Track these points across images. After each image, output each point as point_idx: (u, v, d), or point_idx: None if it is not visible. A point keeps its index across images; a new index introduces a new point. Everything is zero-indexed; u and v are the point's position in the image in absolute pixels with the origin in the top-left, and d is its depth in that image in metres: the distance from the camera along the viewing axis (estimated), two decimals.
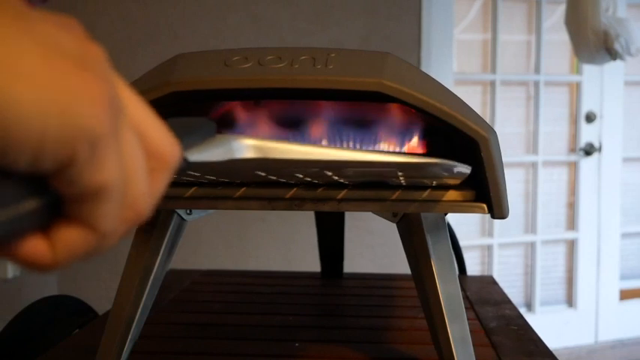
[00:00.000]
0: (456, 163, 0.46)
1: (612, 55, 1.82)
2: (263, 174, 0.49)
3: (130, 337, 0.63)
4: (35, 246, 0.20)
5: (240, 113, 0.68)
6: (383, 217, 0.65)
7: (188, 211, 0.65)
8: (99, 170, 0.19)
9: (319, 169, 0.43)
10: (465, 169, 0.47)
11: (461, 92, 0.62)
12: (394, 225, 0.63)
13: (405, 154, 0.50)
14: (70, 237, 0.20)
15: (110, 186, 0.20)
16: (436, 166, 0.45)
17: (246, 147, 0.30)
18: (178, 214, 0.64)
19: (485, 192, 0.53)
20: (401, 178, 0.51)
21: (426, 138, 0.68)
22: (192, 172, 0.47)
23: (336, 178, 0.51)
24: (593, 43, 1.81)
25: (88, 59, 0.20)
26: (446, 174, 0.49)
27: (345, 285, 1.10)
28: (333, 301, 1.02)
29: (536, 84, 2.62)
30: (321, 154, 0.34)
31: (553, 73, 2.66)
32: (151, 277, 0.64)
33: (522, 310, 1.75)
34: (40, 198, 0.19)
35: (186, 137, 0.27)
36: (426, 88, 0.51)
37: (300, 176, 0.50)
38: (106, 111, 0.19)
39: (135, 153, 0.21)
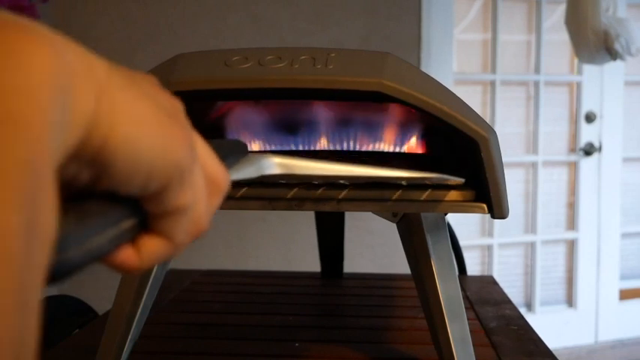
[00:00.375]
0: (449, 177, 0.50)
1: (612, 55, 1.82)
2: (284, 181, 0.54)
3: (130, 337, 0.63)
4: (127, 254, 0.25)
5: (242, 114, 0.68)
6: (383, 217, 0.65)
7: None
8: (181, 194, 0.25)
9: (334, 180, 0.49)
10: (456, 179, 0.51)
11: (461, 92, 0.62)
12: (394, 225, 0.63)
13: (408, 169, 0.51)
14: (153, 246, 0.25)
15: (187, 206, 0.25)
16: (434, 178, 0.50)
17: (274, 164, 0.35)
18: None
19: (485, 192, 0.53)
20: (403, 182, 0.53)
21: (425, 137, 0.68)
22: None
23: (343, 181, 0.55)
24: (593, 43, 1.81)
25: (175, 110, 0.26)
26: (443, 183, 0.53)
27: (345, 285, 1.10)
28: (333, 301, 1.02)
29: (536, 84, 2.62)
30: (337, 170, 0.39)
31: (553, 73, 2.66)
32: (151, 277, 0.64)
33: (522, 310, 1.75)
34: (135, 217, 0.24)
35: (226, 160, 0.32)
36: (426, 88, 0.51)
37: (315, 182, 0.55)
38: (190, 150, 0.25)
39: (201, 181, 0.27)
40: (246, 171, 0.33)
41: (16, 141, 0.16)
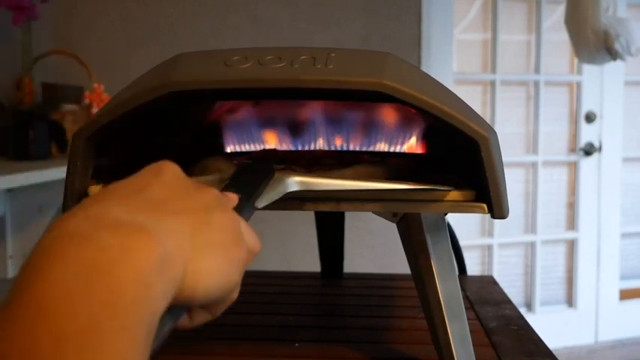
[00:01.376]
0: (446, 188, 0.53)
1: (612, 55, 1.82)
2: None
3: None
4: (182, 322, 0.33)
5: (242, 114, 0.68)
6: (383, 217, 0.65)
7: None
8: (229, 301, 0.34)
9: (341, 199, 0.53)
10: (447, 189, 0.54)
11: (461, 92, 0.62)
12: (394, 225, 0.63)
13: (412, 182, 0.53)
14: (201, 317, 0.34)
15: (230, 300, 0.34)
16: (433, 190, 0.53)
17: (295, 183, 0.40)
18: None
19: (485, 192, 0.53)
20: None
21: (425, 137, 0.68)
22: None
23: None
24: (593, 43, 1.81)
25: (236, 233, 0.33)
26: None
27: (345, 285, 1.10)
28: (333, 301, 1.02)
29: (536, 84, 2.62)
30: (350, 185, 0.43)
31: (553, 73, 2.66)
32: None
33: (522, 310, 1.75)
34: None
35: (255, 191, 0.39)
36: (426, 88, 0.51)
37: None
38: (243, 265, 0.33)
39: (244, 266, 0.34)
40: (273, 194, 0.38)
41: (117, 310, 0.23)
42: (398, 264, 1.90)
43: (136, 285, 0.24)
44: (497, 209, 0.52)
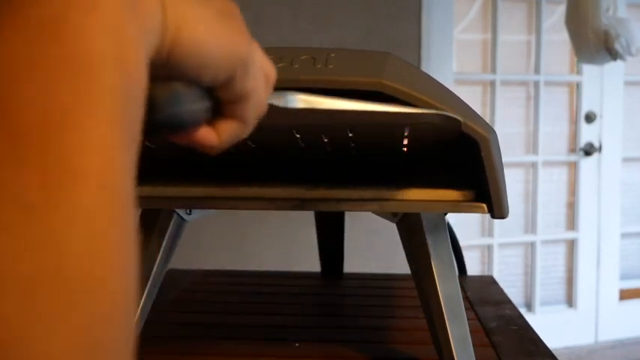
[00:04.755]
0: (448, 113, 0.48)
1: (612, 55, 1.82)
2: (298, 135, 0.54)
3: None
4: (207, 132, 0.30)
5: None
6: (383, 217, 0.65)
7: (188, 211, 0.65)
8: (247, 81, 0.30)
9: (350, 122, 0.50)
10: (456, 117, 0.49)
11: (461, 92, 0.62)
12: (394, 225, 0.63)
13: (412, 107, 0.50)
14: (228, 127, 0.31)
15: (252, 91, 0.30)
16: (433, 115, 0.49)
17: (297, 100, 0.39)
18: (178, 214, 0.64)
19: (485, 192, 0.53)
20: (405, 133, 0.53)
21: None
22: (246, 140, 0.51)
23: (353, 144, 0.55)
24: (593, 43, 1.81)
25: (232, 11, 0.29)
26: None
27: (345, 285, 1.10)
28: (333, 301, 1.02)
29: (536, 84, 2.62)
30: (355, 106, 0.42)
31: (553, 73, 2.66)
32: (151, 277, 0.64)
33: (522, 310, 1.75)
34: (210, 100, 0.30)
35: None
36: (426, 88, 0.51)
37: (325, 140, 0.55)
38: (249, 44, 0.30)
39: (260, 70, 0.31)
40: (274, 99, 0.37)
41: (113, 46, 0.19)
42: (398, 264, 1.90)
43: (103, 35, 0.19)
44: (497, 209, 0.52)
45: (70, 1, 0.18)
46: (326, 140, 0.55)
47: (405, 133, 0.53)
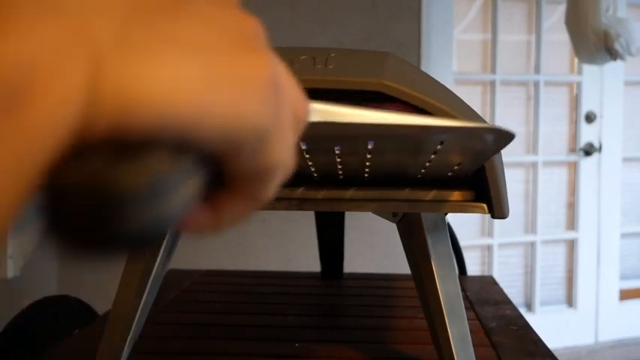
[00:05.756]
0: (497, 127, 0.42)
1: (612, 55, 1.82)
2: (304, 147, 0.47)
3: (130, 337, 0.63)
4: (200, 216, 0.20)
5: None
6: (383, 217, 0.65)
7: None
8: (264, 156, 0.19)
9: (368, 135, 0.42)
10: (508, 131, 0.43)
11: (461, 92, 0.62)
12: (394, 225, 0.63)
13: (453, 119, 0.45)
14: (234, 207, 0.21)
15: (273, 167, 0.20)
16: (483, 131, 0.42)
17: (314, 111, 0.31)
18: None
19: (485, 192, 0.53)
20: (438, 146, 0.45)
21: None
22: None
23: (369, 156, 0.48)
24: (593, 43, 1.81)
25: (249, 36, 0.18)
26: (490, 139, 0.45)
27: (345, 285, 1.10)
28: (333, 301, 1.02)
29: (536, 84, 2.62)
30: (376, 117, 0.35)
31: (553, 73, 2.66)
32: (151, 277, 0.64)
33: (522, 310, 1.75)
34: (208, 167, 0.18)
35: None
36: (426, 88, 0.51)
37: (337, 151, 0.48)
38: (272, 99, 0.18)
39: (289, 132, 0.21)
40: None
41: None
42: (398, 264, 1.90)
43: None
44: (497, 209, 0.52)
45: None
46: (339, 160, 0.49)
47: (437, 148, 0.45)
